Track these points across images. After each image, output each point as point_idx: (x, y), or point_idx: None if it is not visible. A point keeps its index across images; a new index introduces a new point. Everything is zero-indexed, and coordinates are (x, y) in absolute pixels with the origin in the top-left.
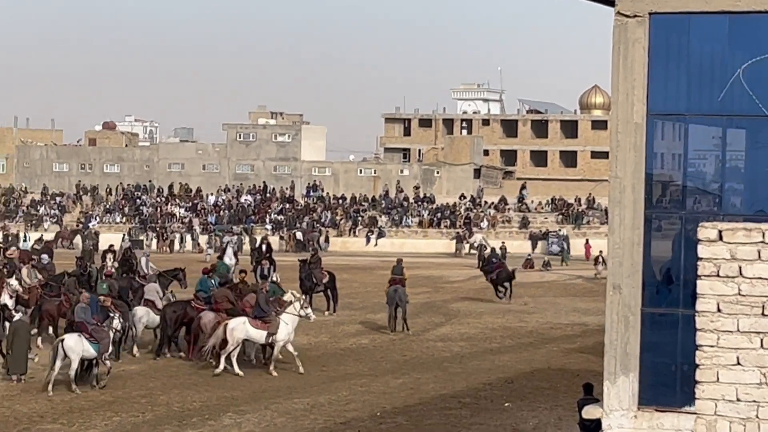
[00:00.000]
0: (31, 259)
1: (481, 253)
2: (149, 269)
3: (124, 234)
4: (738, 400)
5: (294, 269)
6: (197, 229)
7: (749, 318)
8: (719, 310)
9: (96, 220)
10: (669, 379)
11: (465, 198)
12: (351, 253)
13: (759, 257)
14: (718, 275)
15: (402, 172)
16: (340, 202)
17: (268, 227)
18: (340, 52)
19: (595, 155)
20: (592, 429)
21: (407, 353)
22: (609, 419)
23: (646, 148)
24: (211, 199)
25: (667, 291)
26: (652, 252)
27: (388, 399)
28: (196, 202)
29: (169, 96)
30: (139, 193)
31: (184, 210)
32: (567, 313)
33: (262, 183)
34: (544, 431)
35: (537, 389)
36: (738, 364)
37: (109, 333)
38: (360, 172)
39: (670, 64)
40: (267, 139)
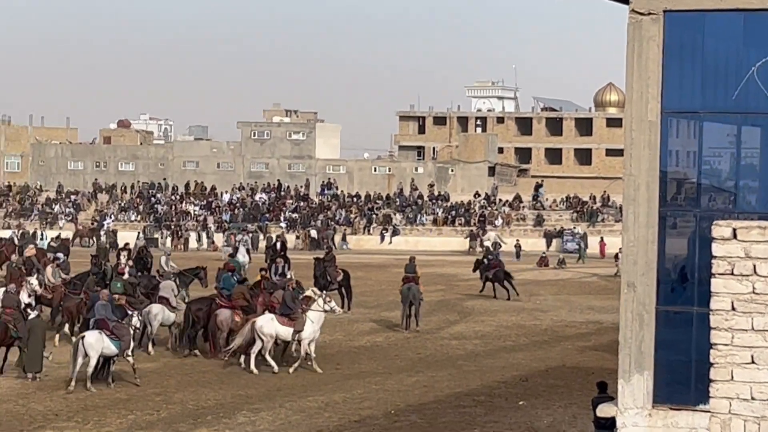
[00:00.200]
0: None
1: (496, 251)
2: (170, 268)
3: (138, 232)
4: (752, 398)
5: (309, 267)
6: (212, 227)
7: (764, 316)
8: (733, 308)
9: (111, 218)
10: (684, 378)
11: (479, 196)
12: (365, 251)
13: None
14: (732, 273)
15: (416, 170)
16: (354, 200)
17: (282, 225)
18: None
19: (610, 153)
20: (606, 427)
21: (421, 351)
22: (623, 417)
23: (660, 145)
24: (226, 197)
25: (682, 289)
26: (666, 250)
27: (402, 397)
28: (210, 200)
29: (184, 94)
30: (154, 191)
31: (198, 208)
32: (582, 311)
33: (276, 181)
34: (558, 429)
35: (551, 387)
36: (752, 362)
37: (130, 330)
38: (374, 170)
39: (684, 61)
40: (281, 137)
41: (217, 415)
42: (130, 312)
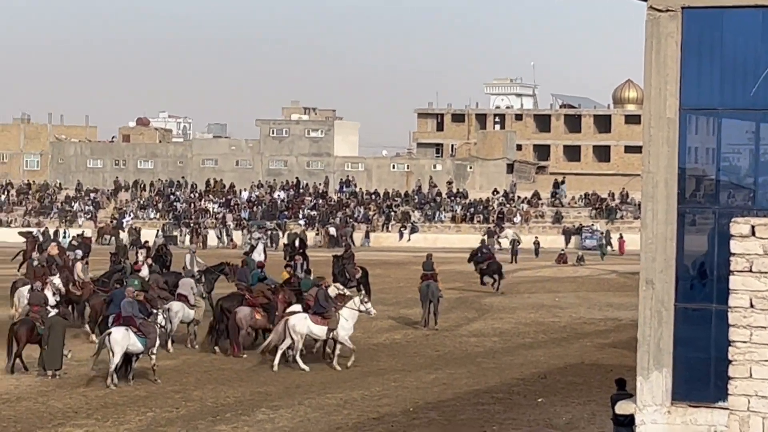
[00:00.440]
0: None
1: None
2: (196, 265)
3: (158, 230)
4: None
5: (327, 265)
6: (230, 225)
7: None
8: (752, 305)
9: (130, 216)
10: (702, 375)
11: (498, 193)
12: (384, 249)
13: None
14: (750, 271)
15: (435, 167)
16: (372, 197)
17: (301, 223)
18: (372, 47)
19: (629, 150)
20: (625, 424)
21: (440, 348)
22: (642, 414)
23: (679, 142)
24: (245, 195)
25: (701, 286)
26: (685, 247)
27: (421, 394)
28: (229, 197)
29: (203, 92)
30: (173, 189)
31: (217, 206)
32: (600, 308)
33: (295, 179)
34: (577, 426)
35: (570, 384)
36: None
37: (156, 328)
38: (393, 167)
39: (702, 58)
40: (300, 135)
41: (236, 413)
42: (155, 310)
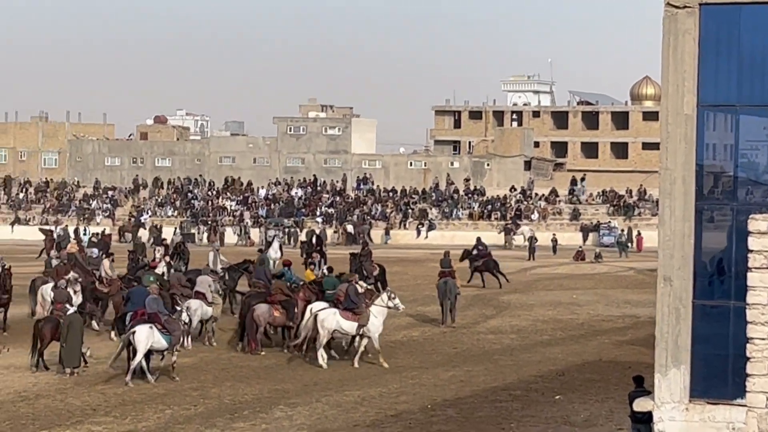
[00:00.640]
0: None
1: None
2: (219, 263)
3: (175, 228)
4: None
5: (345, 262)
6: (248, 223)
7: None
8: None
9: (148, 213)
10: (720, 372)
11: (515, 190)
12: (401, 246)
13: None
14: None
15: (452, 164)
16: (390, 194)
17: (318, 220)
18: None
19: (647, 146)
20: (643, 421)
21: (458, 346)
22: (660, 412)
23: (696, 139)
24: (262, 193)
25: (719, 283)
26: (703, 243)
27: (438, 391)
28: (246, 195)
29: (220, 90)
30: (191, 187)
31: (235, 203)
32: (618, 305)
33: (312, 176)
34: (595, 424)
35: (588, 381)
36: None
37: (181, 325)
38: (410, 164)
39: (720, 54)
40: (317, 132)
41: (254, 410)
42: (178, 307)
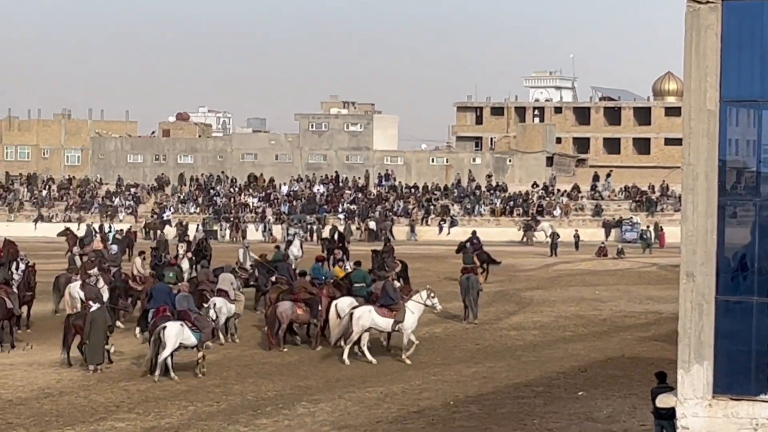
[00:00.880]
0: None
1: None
2: (249, 260)
3: (198, 224)
4: None
5: (367, 258)
6: (270, 219)
7: None
8: None
9: (171, 210)
10: (743, 368)
11: (537, 186)
12: (423, 242)
13: None
14: None
15: (474, 160)
16: (412, 191)
17: (340, 217)
18: (411, 41)
19: (669, 142)
20: (666, 417)
21: (480, 342)
22: (683, 408)
23: (719, 134)
24: (284, 189)
25: (742, 278)
26: (726, 239)
27: (461, 388)
28: (269, 192)
29: (242, 87)
30: (213, 184)
31: (257, 200)
32: (641, 301)
33: (334, 173)
34: (618, 420)
35: (611, 378)
36: None
37: (210, 322)
38: (432, 161)
39: (743, 50)
40: (339, 129)
41: (277, 406)
42: (205, 304)
